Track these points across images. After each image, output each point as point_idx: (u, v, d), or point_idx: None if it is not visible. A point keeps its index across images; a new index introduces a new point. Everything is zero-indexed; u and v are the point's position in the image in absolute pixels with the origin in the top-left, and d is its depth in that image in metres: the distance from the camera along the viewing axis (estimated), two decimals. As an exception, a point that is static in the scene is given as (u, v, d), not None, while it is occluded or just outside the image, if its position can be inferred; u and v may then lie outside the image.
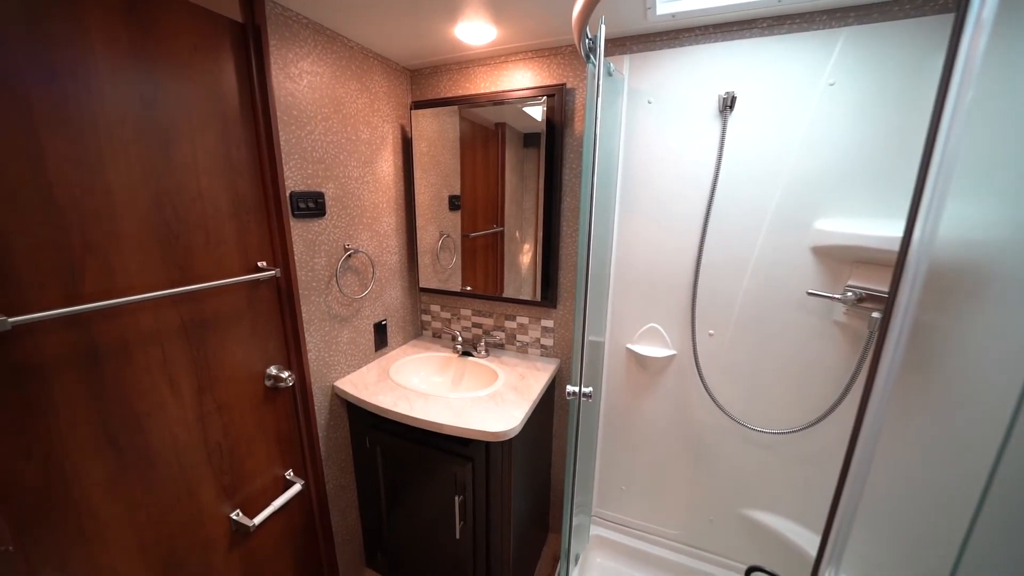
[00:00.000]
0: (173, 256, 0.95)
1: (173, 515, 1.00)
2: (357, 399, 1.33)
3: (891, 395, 0.60)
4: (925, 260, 0.56)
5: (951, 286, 0.83)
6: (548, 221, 1.47)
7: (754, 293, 1.28)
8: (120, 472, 0.89)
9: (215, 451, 1.08)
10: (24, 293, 0.73)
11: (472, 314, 1.74)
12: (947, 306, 0.84)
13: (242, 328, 1.12)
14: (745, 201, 1.24)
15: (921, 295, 0.57)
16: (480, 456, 1.21)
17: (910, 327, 0.57)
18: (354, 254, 1.42)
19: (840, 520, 0.58)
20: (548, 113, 1.39)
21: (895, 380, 0.60)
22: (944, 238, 0.57)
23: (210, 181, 1.01)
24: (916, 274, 0.56)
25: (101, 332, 0.84)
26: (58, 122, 0.75)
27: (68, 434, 0.81)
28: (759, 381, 1.32)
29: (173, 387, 0.98)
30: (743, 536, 1.45)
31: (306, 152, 1.21)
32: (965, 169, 0.55)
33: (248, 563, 1.22)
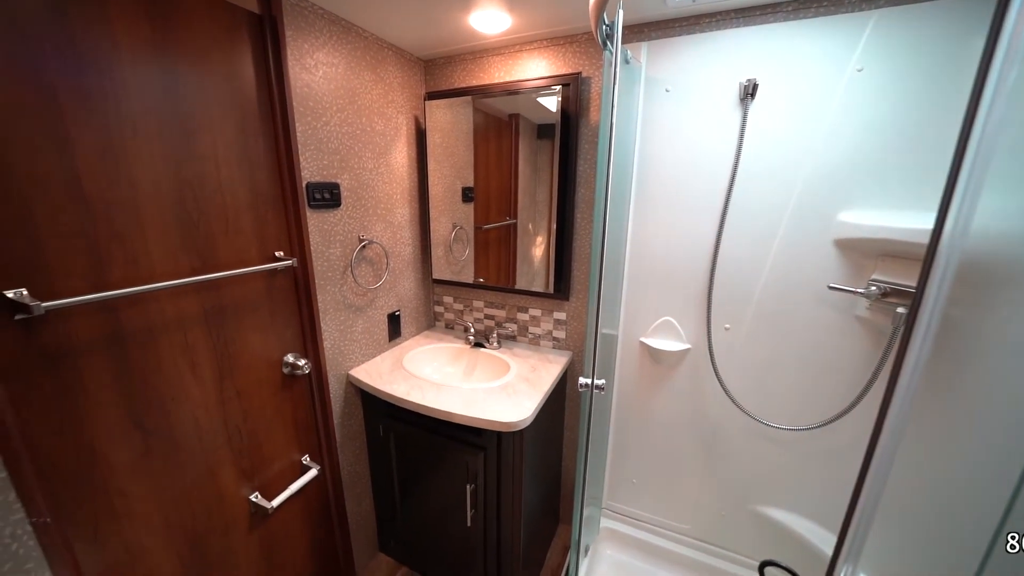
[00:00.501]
0: (194, 245, 0.97)
1: (196, 495, 1.04)
2: (371, 388, 1.35)
3: (916, 392, 0.58)
4: (957, 253, 0.54)
5: (984, 280, 0.80)
6: (562, 212, 1.46)
7: (772, 287, 1.25)
8: (146, 453, 0.93)
9: (235, 435, 1.11)
10: (55, 280, 0.76)
11: (484, 306, 1.75)
12: (979, 301, 0.81)
13: (260, 316, 1.14)
14: (765, 192, 1.20)
15: (951, 289, 0.55)
16: (492, 446, 1.22)
17: (938, 322, 0.55)
18: (368, 245, 1.43)
19: (859, 518, 0.57)
20: (563, 103, 1.37)
21: (920, 377, 0.58)
22: (978, 230, 0.54)
23: (229, 172, 1.02)
24: (947, 267, 0.54)
25: (127, 318, 0.87)
26: (85, 113, 0.77)
27: (98, 415, 0.84)
28: (776, 377, 1.30)
29: (195, 372, 1.01)
30: (755, 532, 1.43)
31: (322, 143, 1.22)
32: (1003, 157, 0.52)
33: (266, 544, 1.26)
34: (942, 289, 0.54)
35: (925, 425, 0.88)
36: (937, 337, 0.56)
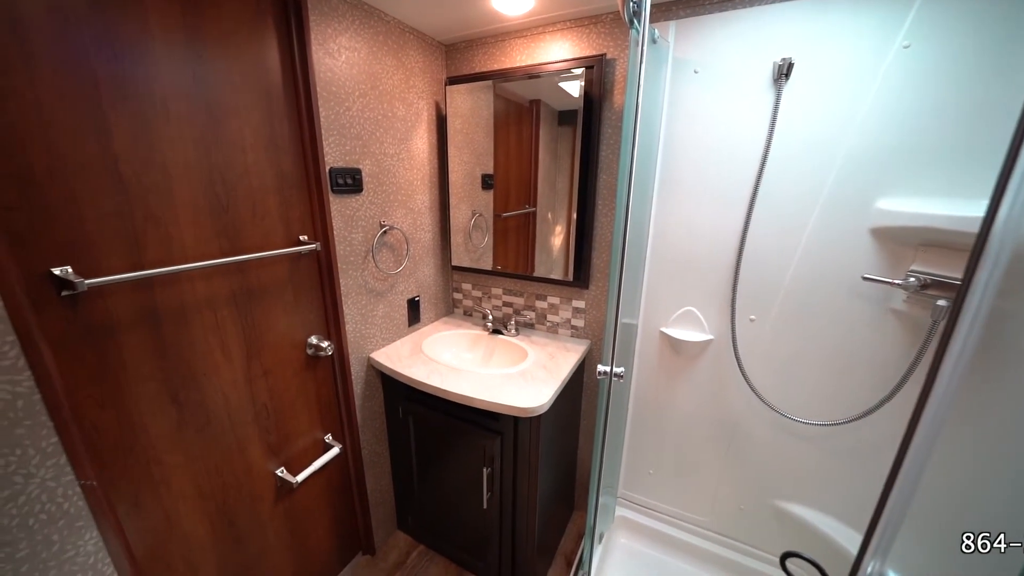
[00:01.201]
0: (223, 228, 1.00)
1: (226, 468, 1.09)
2: (392, 371, 1.38)
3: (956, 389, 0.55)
4: (1010, 243, 0.50)
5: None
6: (583, 199, 1.44)
7: (802, 277, 1.20)
8: (181, 425, 0.98)
9: (262, 412, 1.16)
10: (96, 259, 0.80)
11: (503, 293, 1.75)
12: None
13: (285, 298, 1.18)
14: (798, 178, 1.15)
15: (1001, 281, 0.51)
16: (509, 431, 1.23)
17: (985, 315, 0.52)
18: (389, 230, 1.45)
19: (888, 515, 0.55)
20: (586, 86, 1.34)
21: (962, 374, 0.55)
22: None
23: (256, 157, 1.05)
24: (998, 257, 0.51)
25: (162, 297, 0.91)
26: (121, 98, 0.80)
27: (137, 388, 0.89)
28: (802, 370, 1.26)
29: (225, 351, 1.05)
30: (774, 527, 1.41)
31: (344, 128, 1.23)
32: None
33: (291, 517, 1.31)
34: (992, 280, 0.51)
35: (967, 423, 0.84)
36: (984, 331, 0.52)
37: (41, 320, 0.73)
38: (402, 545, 1.70)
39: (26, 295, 0.70)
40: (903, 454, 0.55)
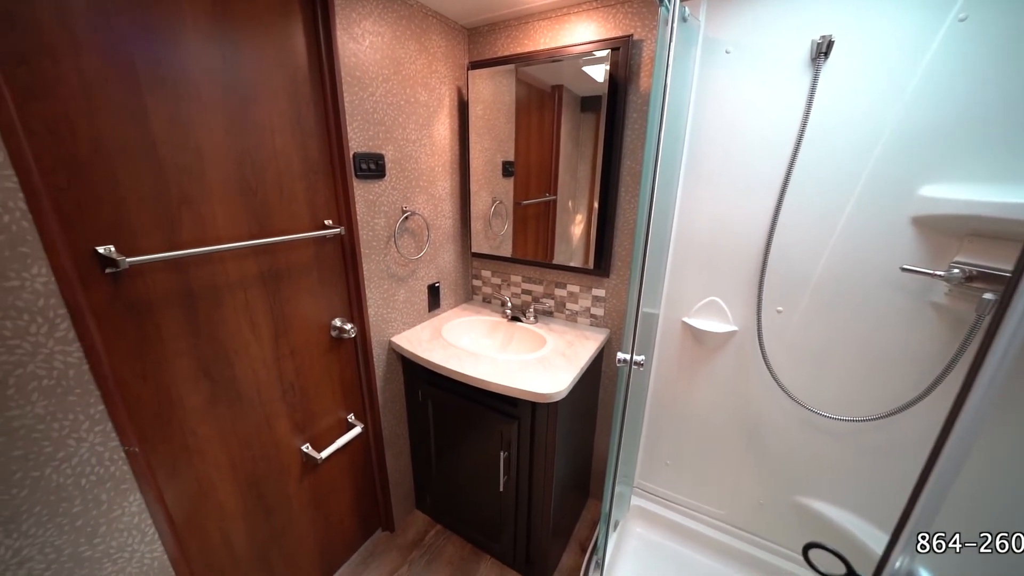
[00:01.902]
0: (252, 211, 1.03)
1: (255, 442, 1.14)
2: (412, 354, 1.41)
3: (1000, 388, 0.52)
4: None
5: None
6: (605, 186, 1.41)
7: (835, 267, 1.15)
8: (213, 400, 1.03)
9: (289, 390, 1.20)
10: (135, 238, 0.84)
11: (522, 280, 1.75)
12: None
13: (311, 281, 1.21)
14: (834, 164, 1.10)
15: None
16: (526, 416, 1.24)
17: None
18: (411, 216, 1.46)
19: (920, 511, 0.53)
20: (612, 68, 1.30)
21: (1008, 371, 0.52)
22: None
23: (283, 141, 1.07)
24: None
25: (196, 276, 0.95)
26: (157, 83, 0.83)
27: (173, 363, 0.94)
28: (830, 364, 1.22)
29: (254, 330, 1.09)
30: (795, 523, 1.38)
31: (368, 114, 1.24)
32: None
33: (315, 492, 1.37)
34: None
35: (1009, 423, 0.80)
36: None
37: (88, 296, 0.77)
38: (420, 523, 1.75)
39: (75, 271, 0.74)
40: (940, 449, 0.53)
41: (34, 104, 0.69)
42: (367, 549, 1.63)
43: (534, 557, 1.46)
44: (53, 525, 0.76)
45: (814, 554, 0.53)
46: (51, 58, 0.70)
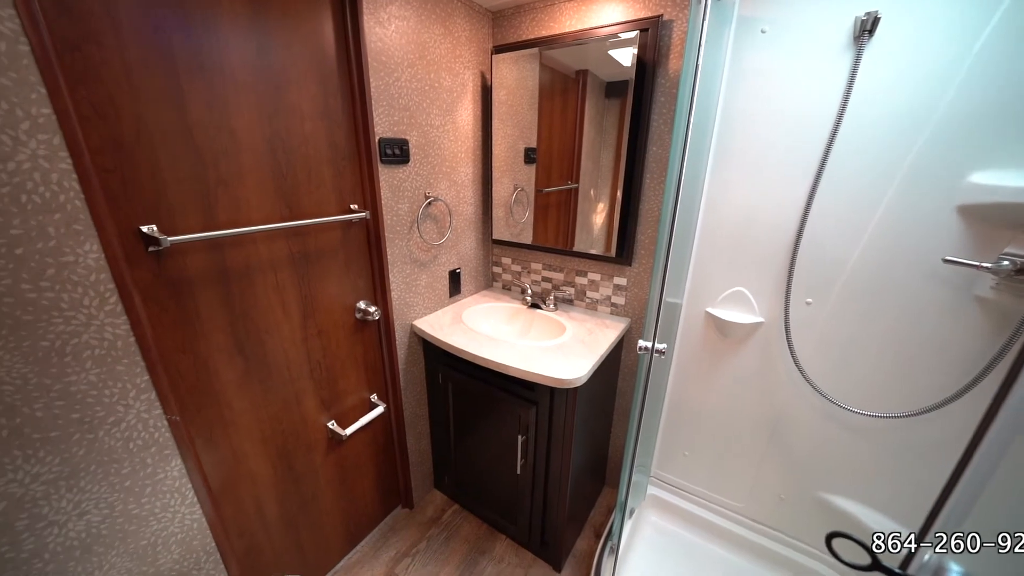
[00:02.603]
0: (283, 194, 1.07)
1: (285, 417, 1.20)
2: (433, 338, 1.43)
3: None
4: None
5: None
6: (630, 171, 1.39)
7: (871, 258, 1.10)
8: (246, 375, 1.08)
9: (316, 368, 1.25)
10: (175, 219, 0.88)
11: (543, 268, 1.75)
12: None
13: (337, 264, 1.24)
14: (874, 149, 1.05)
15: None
16: (545, 401, 1.25)
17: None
18: (434, 202, 1.48)
19: (952, 506, 0.51)
20: (640, 51, 1.27)
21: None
22: None
23: (312, 126, 1.09)
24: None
25: (230, 257, 0.99)
26: (195, 68, 0.86)
27: (210, 338, 0.98)
28: (861, 359, 1.18)
29: (285, 310, 1.13)
30: (816, 519, 1.36)
31: (393, 99, 1.25)
32: None
33: (340, 467, 1.43)
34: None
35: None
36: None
37: (133, 272, 0.82)
38: (438, 502, 1.81)
39: (121, 249, 0.79)
40: (976, 445, 0.51)
41: (83, 89, 0.72)
42: (387, 524, 1.70)
43: (549, 539, 1.48)
44: (106, 484, 0.82)
45: (837, 544, 0.52)
46: (97, 44, 0.73)
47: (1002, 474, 0.55)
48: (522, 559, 1.56)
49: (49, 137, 0.66)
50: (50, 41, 0.65)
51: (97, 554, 0.83)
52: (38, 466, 0.73)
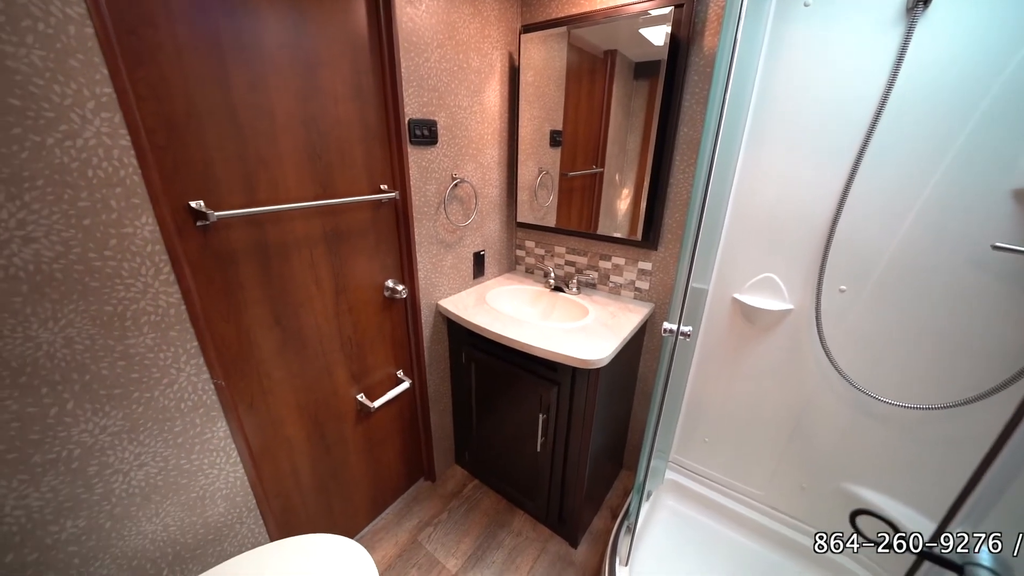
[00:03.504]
0: (317, 174, 1.10)
1: (317, 387, 1.26)
2: (458, 317, 1.47)
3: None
4: None
5: None
6: (659, 154, 1.36)
7: (912, 245, 1.06)
8: (283, 346, 1.14)
9: (347, 343, 1.31)
10: (221, 195, 0.93)
11: (566, 252, 1.75)
12: None
13: (367, 243, 1.28)
14: (921, 129, 1.00)
15: None
16: (566, 381, 1.27)
17: None
18: (460, 183, 1.50)
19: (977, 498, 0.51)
20: (674, 28, 1.23)
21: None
22: None
23: (345, 107, 1.12)
24: None
25: (270, 233, 1.04)
26: (238, 49, 0.89)
27: (251, 310, 1.04)
28: (896, 348, 1.14)
29: (318, 286, 1.18)
30: (838, 509, 1.34)
31: (423, 80, 1.26)
32: None
33: (368, 438, 1.50)
34: None
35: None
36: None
37: (183, 244, 0.88)
38: (459, 477, 1.87)
39: (173, 223, 0.84)
40: (1009, 434, 0.50)
41: (140, 70, 0.77)
42: (410, 495, 1.78)
43: (566, 516, 1.52)
44: (161, 440, 0.89)
45: (861, 521, 0.52)
46: (152, 27, 0.77)
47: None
48: (539, 534, 1.61)
49: (111, 115, 0.71)
50: (111, 24, 0.70)
51: (155, 502, 0.91)
52: (105, 419, 0.80)
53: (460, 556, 1.52)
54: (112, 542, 0.86)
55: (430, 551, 1.54)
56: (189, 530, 0.99)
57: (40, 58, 0.63)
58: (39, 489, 0.74)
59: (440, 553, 1.53)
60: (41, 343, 0.70)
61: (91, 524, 0.82)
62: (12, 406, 0.69)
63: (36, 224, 0.67)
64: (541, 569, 1.48)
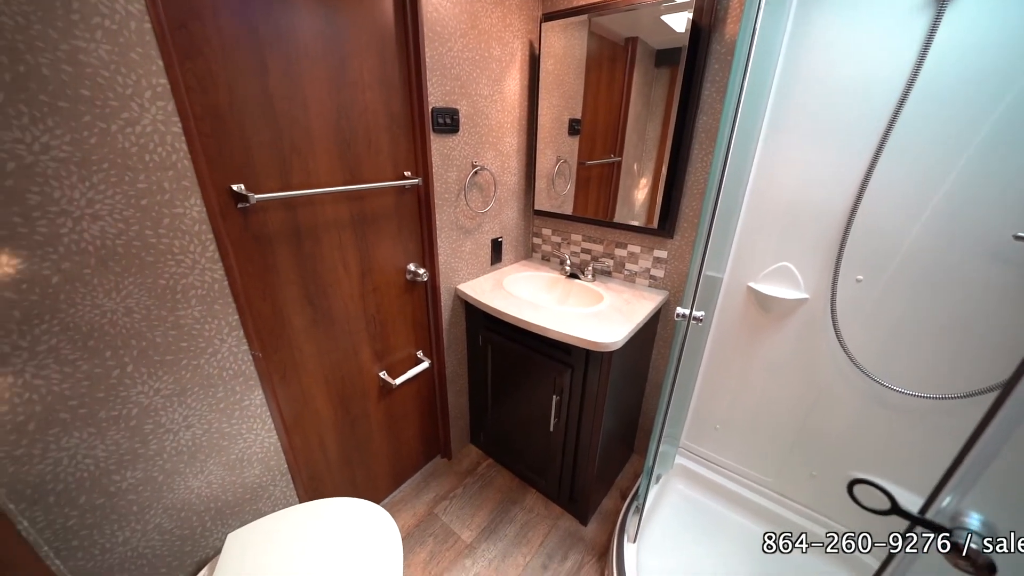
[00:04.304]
0: (345, 161, 1.16)
1: (344, 363, 1.34)
2: (476, 301, 1.52)
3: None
4: None
5: None
6: (677, 142, 1.37)
7: (932, 234, 1.06)
8: (313, 323, 1.21)
9: (371, 322, 1.38)
10: (259, 180, 0.99)
11: (582, 239, 1.78)
12: None
13: (391, 227, 1.34)
14: (946, 117, 0.98)
15: None
16: (580, 364, 1.32)
17: None
18: (480, 171, 1.53)
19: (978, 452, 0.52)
20: (696, 15, 1.23)
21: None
22: None
23: (372, 96, 1.17)
24: None
25: (302, 216, 1.11)
26: (275, 42, 0.95)
27: (285, 290, 1.12)
28: (912, 339, 1.14)
29: (346, 267, 1.25)
30: (847, 497, 1.35)
31: (446, 69, 1.30)
32: None
33: (389, 414, 1.57)
34: None
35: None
36: None
37: (226, 225, 0.95)
38: (474, 456, 1.95)
39: (217, 204, 0.91)
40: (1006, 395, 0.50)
41: (189, 62, 0.83)
42: (427, 471, 1.86)
43: (577, 495, 1.58)
44: (206, 404, 0.98)
45: (859, 490, 0.55)
46: (199, 21, 0.83)
47: None
48: (551, 511, 1.67)
49: (165, 104, 0.78)
50: (165, 19, 0.76)
51: (200, 460, 1.00)
52: (158, 383, 0.88)
53: (474, 528, 1.60)
54: (163, 494, 0.95)
55: (446, 522, 1.62)
56: (229, 488, 1.08)
57: (107, 52, 0.69)
58: (104, 442, 0.83)
59: (455, 525, 1.61)
60: (106, 311, 0.78)
61: (146, 476, 0.91)
62: (83, 366, 0.77)
63: (102, 203, 0.74)
64: (552, 543, 1.55)
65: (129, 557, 0.92)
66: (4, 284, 0.67)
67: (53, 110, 0.66)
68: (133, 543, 0.92)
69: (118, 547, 0.89)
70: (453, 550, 1.52)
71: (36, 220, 0.68)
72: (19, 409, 0.72)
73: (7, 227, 0.65)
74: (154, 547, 0.96)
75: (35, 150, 0.65)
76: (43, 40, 0.63)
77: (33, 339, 0.71)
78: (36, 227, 0.68)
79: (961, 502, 0.49)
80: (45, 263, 0.70)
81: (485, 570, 1.45)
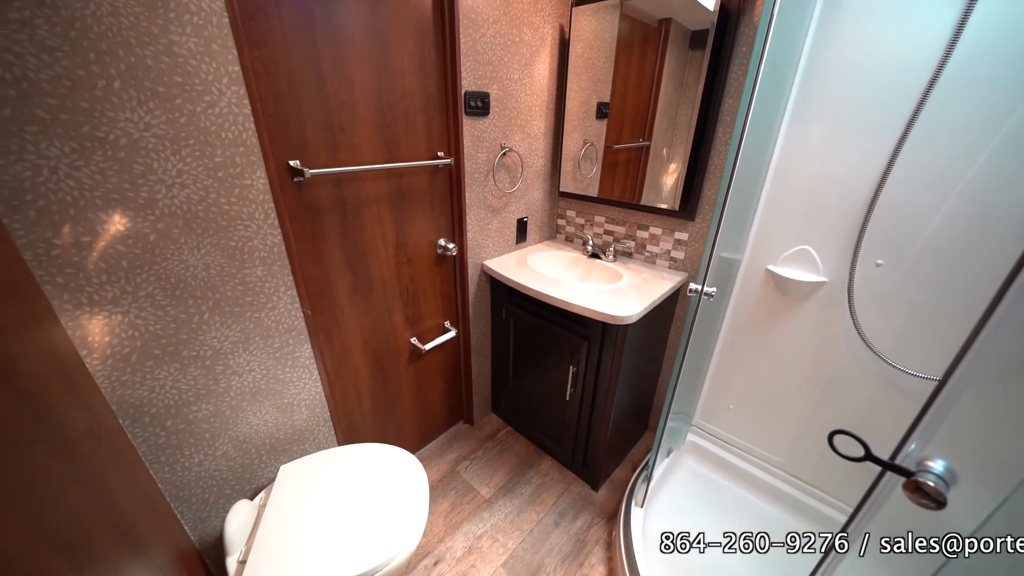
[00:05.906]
0: (385, 141, 1.27)
1: (379, 326, 1.47)
2: (501, 276, 1.62)
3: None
4: None
5: None
6: (702, 124, 1.40)
7: (956, 219, 1.05)
8: (354, 288, 1.35)
9: (404, 291, 1.50)
10: (312, 156, 1.12)
11: (605, 221, 1.83)
12: None
13: (424, 203, 1.45)
14: (978, 100, 0.98)
15: None
16: (596, 336, 1.39)
17: None
18: (508, 153, 1.61)
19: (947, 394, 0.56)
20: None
21: None
22: None
23: (411, 80, 1.26)
24: None
25: (346, 191, 1.23)
26: (327, 31, 1.05)
27: (331, 256, 1.25)
28: (930, 324, 1.15)
29: (384, 239, 1.37)
30: (857, 479, 1.38)
31: (479, 54, 1.37)
32: None
33: (418, 377, 1.71)
34: None
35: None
36: None
37: (284, 197, 1.08)
38: (494, 423, 2.08)
39: (277, 178, 1.03)
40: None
41: (256, 51, 0.95)
42: (451, 434, 2.01)
43: (590, 462, 1.68)
44: (266, 352, 1.13)
45: (838, 440, 0.62)
46: (265, 14, 0.95)
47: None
48: (564, 476, 1.78)
49: (238, 89, 0.90)
50: (239, 13, 0.87)
51: (259, 401, 1.16)
52: (228, 330, 1.04)
53: (492, 487, 1.73)
54: (230, 427, 1.12)
55: (467, 480, 1.76)
56: (281, 428, 1.24)
57: (195, 44, 0.81)
58: (185, 376, 0.99)
59: (475, 482, 1.75)
60: (189, 266, 0.93)
61: (217, 409, 1.07)
62: (171, 311, 0.93)
63: (188, 174, 0.88)
64: (564, 504, 1.66)
65: (203, 476, 1.09)
66: (116, 239, 0.82)
67: (154, 94, 0.79)
68: (206, 465, 1.09)
69: (194, 467, 1.07)
70: (473, 503, 1.66)
71: (140, 186, 0.82)
72: (125, 343, 0.88)
73: (119, 192, 0.80)
74: (221, 471, 1.13)
75: (140, 128, 0.79)
76: (148, 35, 0.76)
77: (135, 286, 0.86)
78: (140, 192, 0.82)
79: (924, 449, 0.54)
80: (145, 223, 0.84)
81: (501, 522, 1.58)
